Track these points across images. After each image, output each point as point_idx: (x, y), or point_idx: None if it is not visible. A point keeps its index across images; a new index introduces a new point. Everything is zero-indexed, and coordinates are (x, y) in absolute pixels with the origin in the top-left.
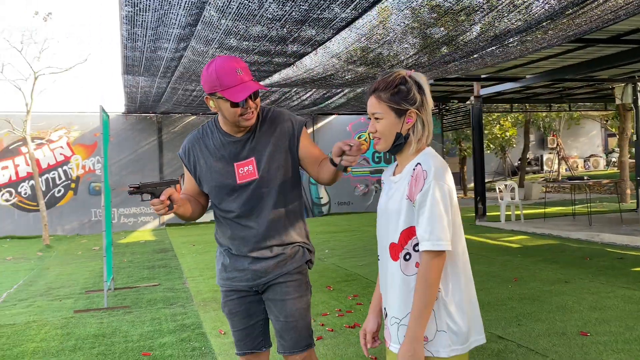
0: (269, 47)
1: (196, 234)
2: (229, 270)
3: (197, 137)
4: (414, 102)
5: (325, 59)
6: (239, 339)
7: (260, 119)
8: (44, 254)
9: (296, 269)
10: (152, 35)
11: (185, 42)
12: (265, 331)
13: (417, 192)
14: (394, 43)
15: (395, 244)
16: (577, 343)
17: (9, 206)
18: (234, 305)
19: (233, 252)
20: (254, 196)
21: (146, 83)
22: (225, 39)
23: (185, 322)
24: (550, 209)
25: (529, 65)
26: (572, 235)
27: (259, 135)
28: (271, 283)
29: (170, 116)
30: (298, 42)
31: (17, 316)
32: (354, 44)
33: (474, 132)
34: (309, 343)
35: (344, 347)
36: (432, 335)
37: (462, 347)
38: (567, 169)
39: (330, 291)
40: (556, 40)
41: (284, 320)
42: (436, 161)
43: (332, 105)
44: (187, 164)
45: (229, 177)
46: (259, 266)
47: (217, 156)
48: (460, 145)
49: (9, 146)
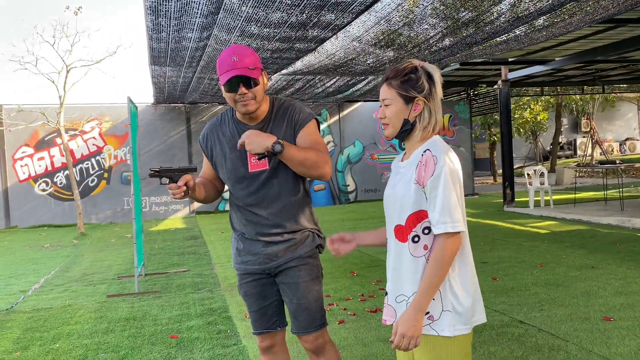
0: (289, 34)
1: (225, 222)
2: (243, 254)
3: (215, 124)
4: (422, 90)
5: (346, 43)
6: (254, 319)
7: (274, 109)
8: (79, 242)
9: (307, 252)
10: (176, 25)
11: (208, 31)
12: (279, 312)
13: (427, 176)
14: (414, 24)
15: (401, 226)
16: (599, 328)
17: (46, 196)
18: (248, 287)
19: (246, 237)
20: (264, 186)
21: (173, 73)
22: (247, 26)
23: (212, 306)
24: (581, 194)
25: (558, 47)
26: (602, 221)
27: (272, 125)
28: (283, 267)
29: (198, 106)
30: (318, 27)
31: (54, 300)
32: (373, 27)
33: (501, 116)
34: (322, 322)
35: (364, 330)
36: (437, 315)
37: (465, 327)
38: (601, 153)
39: (353, 277)
40: (583, 24)
41: (297, 302)
42: (444, 147)
43: (357, 93)
44: (205, 150)
45: (241, 166)
46: (270, 250)
47: (232, 144)
48: (489, 131)
49: (45, 137)
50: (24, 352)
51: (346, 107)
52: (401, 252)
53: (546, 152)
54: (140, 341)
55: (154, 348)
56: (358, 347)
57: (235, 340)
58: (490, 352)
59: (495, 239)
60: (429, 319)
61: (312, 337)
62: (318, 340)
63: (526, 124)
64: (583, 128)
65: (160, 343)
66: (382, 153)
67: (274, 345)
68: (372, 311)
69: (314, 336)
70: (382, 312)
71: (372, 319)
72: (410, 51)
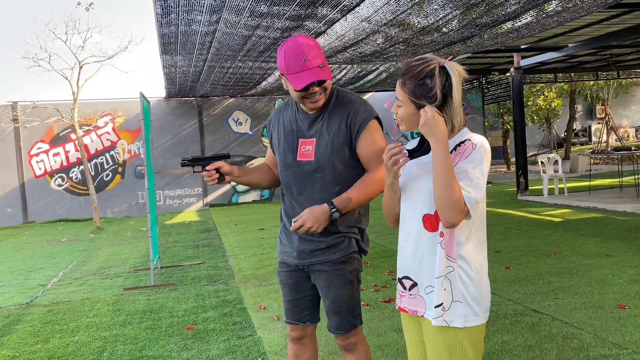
0: (298, 12)
1: (238, 214)
2: (283, 244)
3: (280, 108)
4: (434, 100)
5: (355, 24)
6: (286, 308)
7: (332, 100)
8: (95, 236)
9: (339, 258)
10: (185, 6)
11: (218, 14)
12: (312, 306)
13: (462, 159)
14: (424, 3)
15: (431, 215)
16: (613, 316)
17: (62, 191)
18: (284, 277)
19: (287, 228)
20: (307, 177)
21: (184, 63)
22: (256, 6)
23: (227, 298)
24: (596, 182)
25: (571, 34)
26: (617, 208)
27: (327, 117)
28: (316, 268)
29: (209, 99)
30: (327, 5)
31: (72, 294)
32: (382, 7)
33: (514, 104)
34: (353, 324)
35: (378, 320)
36: (447, 305)
37: (476, 317)
38: (617, 140)
39: (366, 267)
40: (595, 8)
41: (329, 304)
42: (482, 138)
43: (368, 85)
44: (268, 133)
45: (291, 152)
46: (302, 247)
47: (287, 130)
48: (502, 119)
49: (59, 133)
50: (44, 344)
51: None
52: (429, 241)
53: (560, 139)
54: (157, 333)
55: (171, 340)
56: (372, 337)
57: (250, 331)
58: (504, 340)
59: (508, 228)
60: (441, 309)
61: (342, 337)
62: (349, 340)
63: (540, 111)
64: (598, 114)
65: (176, 335)
66: (394, 143)
67: (303, 337)
68: (386, 301)
69: (345, 336)
70: (396, 302)
71: (386, 309)
72: (419, 32)
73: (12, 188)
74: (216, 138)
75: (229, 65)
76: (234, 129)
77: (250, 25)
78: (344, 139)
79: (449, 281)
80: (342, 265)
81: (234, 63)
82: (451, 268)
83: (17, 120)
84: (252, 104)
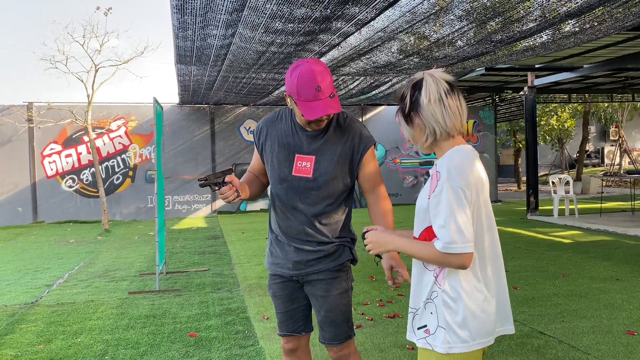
0: (313, 28)
1: (246, 222)
2: (275, 255)
3: (272, 119)
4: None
5: (370, 34)
6: (280, 320)
7: (333, 120)
8: (103, 238)
9: (336, 266)
10: (201, 22)
11: (233, 29)
12: (306, 316)
13: (431, 192)
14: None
15: (416, 238)
16: (622, 342)
17: (72, 192)
18: (277, 289)
19: (279, 239)
20: (302, 193)
21: (198, 72)
22: (271, 23)
23: (230, 306)
24: (608, 204)
25: (587, 55)
26: (629, 232)
27: (328, 137)
28: (312, 278)
29: (222, 107)
30: (342, 19)
31: (77, 295)
32: (398, 19)
33: (527, 124)
34: (348, 335)
35: (382, 336)
36: (433, 329)
37: (464, 345)
38: (630, 162)
39: (372, 281)
40: (612, 31)
41: (325, 314)
42: (452, 161)
43: (379, 95)
44: (257, 142)
45: (286, 166)
46: (299, 258)
47: (283, 142)
48: (515, 137)
49: (72, 135)
50: (47, 345)
51: (369, 111)
52: (415, 263)
53: (572, 160)
54: (159, 339)
55: (173, 346)
56: (375, 352)
57: (252, 341)
58: None
59: (517, 248)
60: (425, 332)
61: (336, 349)
62: (342, 351)
63: (552, 131)
64: (612, 136)
65: (179, 341)
66: (405, 157)
67: (298, 349)
68: (390, 317)
69: (339, 348)
70: (400, 318)
71: (390, 325)
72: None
73: (24, 187)
74: (227, 145)
75: (242, 76)
76: (245, 137)
77: (265, 42)
78: (345, 160)
79: (434, 305)
80: (338, 274)
81: (248, 74)
82: (436, 293)
83: (32, 120)
84: (264, 113)
